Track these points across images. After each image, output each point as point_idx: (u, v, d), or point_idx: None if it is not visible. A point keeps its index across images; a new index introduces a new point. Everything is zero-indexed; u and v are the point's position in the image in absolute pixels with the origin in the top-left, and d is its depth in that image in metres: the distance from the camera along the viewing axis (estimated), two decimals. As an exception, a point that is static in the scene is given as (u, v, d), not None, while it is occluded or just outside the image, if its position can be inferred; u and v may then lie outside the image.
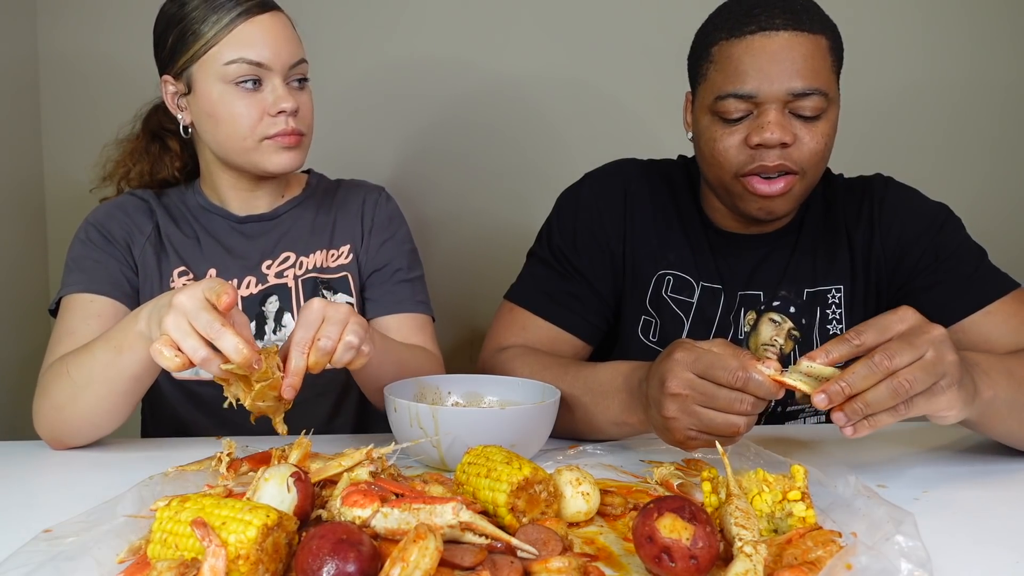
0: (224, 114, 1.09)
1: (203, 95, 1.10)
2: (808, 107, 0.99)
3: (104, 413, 0.93)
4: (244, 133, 1.09)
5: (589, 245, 1.16)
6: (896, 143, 1.88)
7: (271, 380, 0.79)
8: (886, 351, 0.71)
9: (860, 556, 0.57)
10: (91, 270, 1.12)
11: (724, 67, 1.01)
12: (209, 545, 0.55)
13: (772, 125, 0.98)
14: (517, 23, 1.83)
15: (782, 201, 1.03)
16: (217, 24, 1.07)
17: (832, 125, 1.02)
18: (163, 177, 1.25)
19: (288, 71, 1.10)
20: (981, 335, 1.03)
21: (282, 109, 1.09)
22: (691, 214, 1.17)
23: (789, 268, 1.14)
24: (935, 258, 1.08)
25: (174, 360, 0.76)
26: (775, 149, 0.99)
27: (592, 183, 1.20)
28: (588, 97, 1.85)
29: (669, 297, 1.15)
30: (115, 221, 1.18)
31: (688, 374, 0.78)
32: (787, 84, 0.98)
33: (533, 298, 1.16)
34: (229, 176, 1.19)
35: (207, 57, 1.08)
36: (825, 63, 1.00)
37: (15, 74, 1.70)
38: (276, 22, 1.10)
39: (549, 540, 0.62)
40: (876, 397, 0.70)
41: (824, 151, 1.02)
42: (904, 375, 0.70)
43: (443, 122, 1.85)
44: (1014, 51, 1.88)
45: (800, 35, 0.98)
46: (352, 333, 0.83)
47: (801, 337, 1.13)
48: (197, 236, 1.20)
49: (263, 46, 1.08)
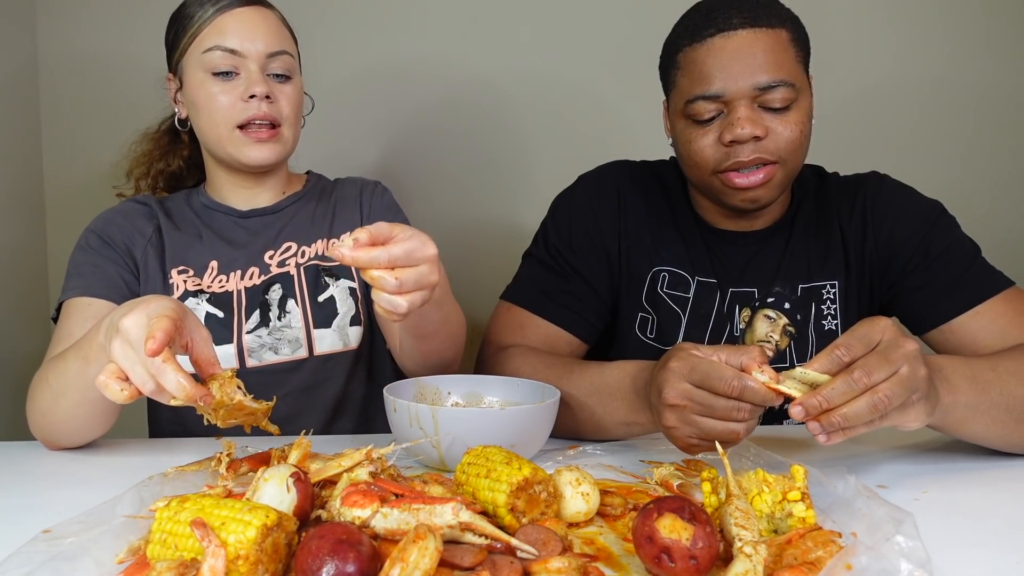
0: (203, 101, 1.14)
1: (188, 86, 1.16)
2: (776, 99, 1.01)
3: (84, 419, 0.93)
4: (219, 119, 1.13)
5: (584, 244, 1.17)
6: (891, 140, 1.88)
7: (232, 405, 0.77)
8: (865, 367, 0.72)
9: (860, 556, 0.57)
10: (89, 274, 1.14)
11: (690, 72, 1.05)
12: (209, 545, 0.55)
13: (742, 121, 1.01)
14: (508, 24, 1.83)
15: (764, 190, 1.05)
16: (201, 18, 1.13)
17: (806, 113, 1.04)
18: (173, 170, 1.29)
19: (265, 60, 1.14)
20: (968, 335, 1.03)
21: (253, 93, 1.12)
22: (684, 212, 1.19)
23: (783, 264, 1.15)
24: (925, 256, 1.09)
25: (121, 394, 0.73)
26: (748, 144, 1.02)
27: (586, 184, 1.23)
28: (585, 98, 1.85)
29: (665, 293, 1.16)
30: (115, 226, 1.20)
31: (684, 384, 0.79)
32: (751, 79, 1.01)
33: (531, 297, 1.17)
34: (227, 173, 1.23)
35: (191, 48, 1.14)
36: (788, 55, 1.03)
37: (15, 76, 1.70)
38: (256, 15, 1.15)
39: (549, 540, 0.62)
40: (855, 411, 0.71)
41: (800, 139, 1.04)
42: (883, 390, 0.71)
43: (433, 122, 1.85)
44: (1013, 49, 1.88)
45: (758, 31, 1.02)
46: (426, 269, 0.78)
47: (797, 333, 1.14)
48: (199, 233, 1.22)
49: (238, 35, 1.12)
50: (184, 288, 1.17)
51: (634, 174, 1.21)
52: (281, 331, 0.80)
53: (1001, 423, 0.86)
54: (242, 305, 1.17)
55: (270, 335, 1.16)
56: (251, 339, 1.15)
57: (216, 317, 1.15)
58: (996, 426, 0.86)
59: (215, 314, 1.16)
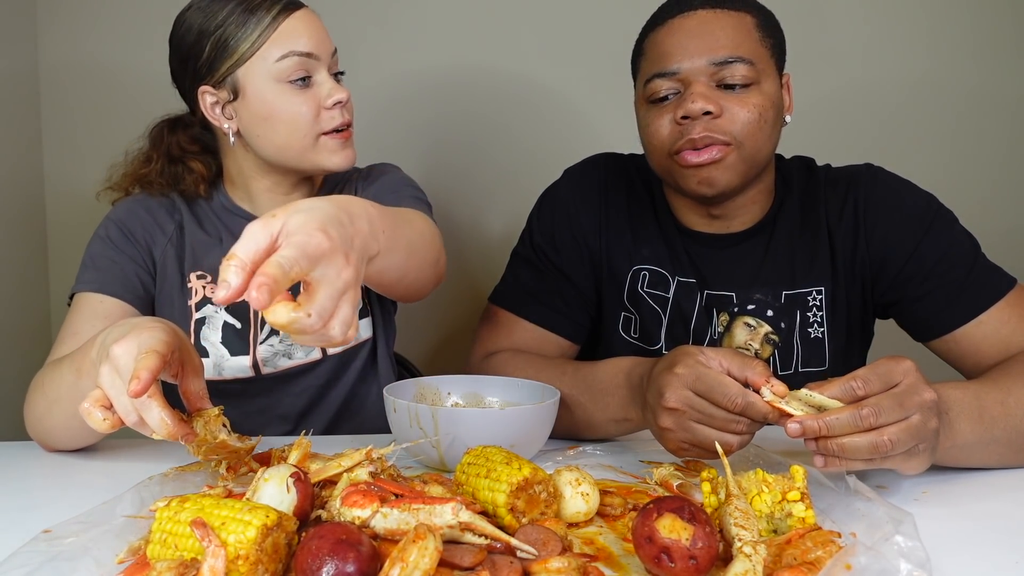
0: (282, 113, 1.08)
1: (256, 98, 1.08)
2: (736, 75, 0.99)
3: (75, 429, 0.92)
4: (304, 131, 1.09)
5: (567, 242, 1.16)
6: (899, 139, 1.88)
7: (215, 443, 0.76)
8: (876, 407, 0.70)
9: (859, 556, 0.57)
10: (106, 269, 1.12)
11: (651, 54, 1.05)
12: (209, 545, 0.55)
13: (695, 95, 0.99)
14: (509, 25, 1.84)
15: (719, 171, 1.01)
16: (260, 24, 1.06)
17: (768, 97, 1.02)
18: (182, 190, 1.21)
19: (331, 61, 1.11)
20: (971, 344, 1.01)
21: (338, 100, 1.09)
22: (665, 209, 1.16)
23: (763, 270, 1.11)
24: (922, 264, 1.04)
25: (103, 424, 0.72)
26: (700, 120, 0.99)
27: (569, 178, 1.21)
28: (586, 98, 1.85)
29: (645, 292, 1.14)
30: (137, 220, 1.16)
31: (686, 391, 0.78)
32: (707, 56, 1.00)
33: (517, 299, 1.16)
34: (270, 180, 1.17)
35: (256, 58, 1.07)
36: (750, 36, 1.02)
37: (15, 81, 1.70)
38: (311, 15, 1.11)
39: (548, 540, 0.62)
40: (855, 445, 0.70)
41: (757, 121, 1.00)
42: (889, 433, 0.70)
43: (437, 121, 1.85)
44: (1011, 48, 1.88)
45: (718, 11, 1.02)
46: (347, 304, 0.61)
47: (780, 341, 1.10)
48: (220, 237, 1.19)
49: (309, 37, 1.08)
50: (203, 294, 1.15)
51: (619, 168, 1.19)
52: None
53: (999, 455, 0.85)
54: (258, 315, 1.15)
55: (282, 343, 1.15)
56: (264, 349, 1.14)
57: (233, 328, 1.14)
58: (993, 459, 0.85)
59: (232, 324, 1.14)
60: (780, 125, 1.06)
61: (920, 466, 0.75)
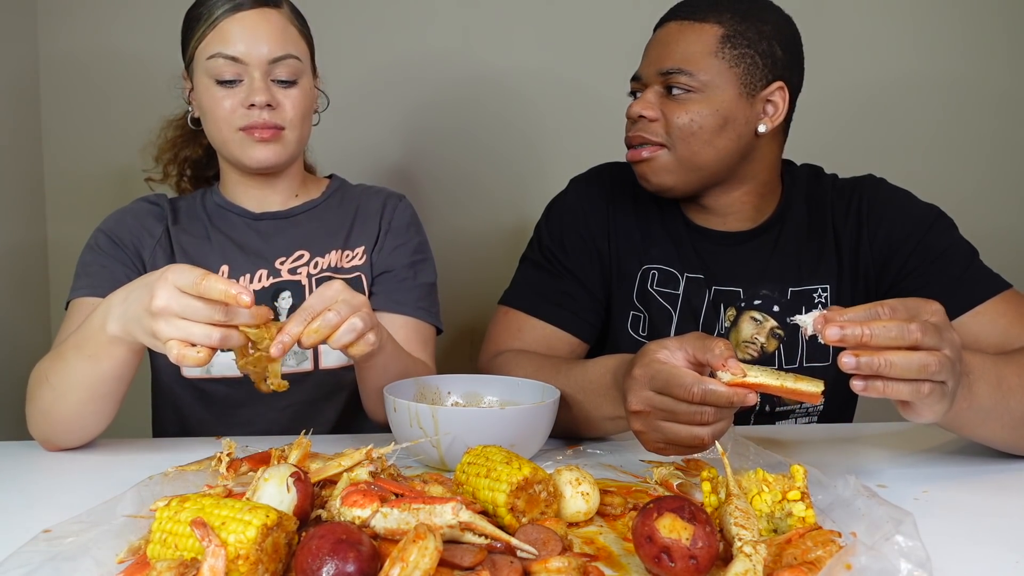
0: (207, 106, 1.13)
1: (196, 89, 1.15)
2: (679, 83, 1.06)
3: (89, 415, 0.94)
4: (221, 124, 1.13)
5: (577, 245, 1.19)
6: (886, 139, 1.88)
7: (261, 354, 0.80)
8: (923, 326, 0.68)
9: (860, 556, 0.57)
10: (96, 274, 1.14)
11: None
12: (209, 545, 0.55)
13: (639, 102, 1.09)
14: (511, 23, 1.83)
15: (649, 169, 1.10)
16: (207, 21, 1.11)
17: (709, 105, 1.06)
18: (196, 158, 1.29)
19: (268, 66, 1.11)
20: (970, 336, 1.02)
21: (253, 103, 1.10)
22: (672, 210, 1.20)
23: (770, 267, 1.15)
24: (923, 259, 1.08)
25: (198, 356, 0.76)
26: (639, 122, 1.10)
27: (576, 187, 1.25)
28: (588, 99, 1.85)
29: (655, 291, 1.17)
30: (124, 226, 1.19)
31: (646, 392, 0.78)
32: (656, 65, 1.09)
33: (528, 300, 1.18)
34: (237, 174, 1.22)
35: (197, 53, 1.13)
36: (707, 49, 1.06)
37: (16, 74, 1.70)
38: (260, 18, 1.11)
39: (549, 540, 0.62)
40: (904, 362, 0.68)
41: (690, 126, 1.06)
42: (935, 356, 0.68)
43: (440, 121, 1.85)
44: (1009, 47, 1.89)
45: (684, 23, 1.08)
46: (360, 319, 0.83)
47: (785, 336, 1.14)
48: (208, 235, 1.22)
49: (240, 41, 1.10)
50: None
51: (624, 174, 1.22)
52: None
53: (1011, 429, 0.85)
54: None
55: None
56: None
57: None
58: (1004, 432, 0.85)
59: None
60: (735, 133, 1.08)
61: (939, 411, 0.73)
